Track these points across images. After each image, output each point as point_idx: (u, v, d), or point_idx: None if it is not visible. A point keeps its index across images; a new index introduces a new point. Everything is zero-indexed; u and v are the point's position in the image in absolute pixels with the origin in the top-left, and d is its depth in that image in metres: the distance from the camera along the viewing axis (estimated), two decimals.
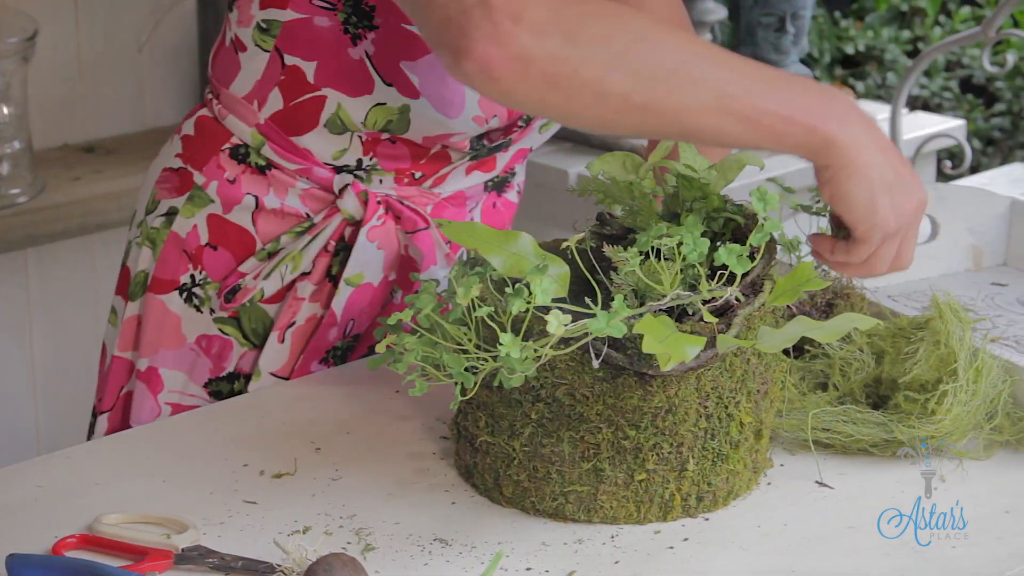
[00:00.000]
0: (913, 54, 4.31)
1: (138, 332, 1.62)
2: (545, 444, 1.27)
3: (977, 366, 1.36)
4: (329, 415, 1.47)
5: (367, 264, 1.57)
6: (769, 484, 1.35)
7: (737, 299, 1.26)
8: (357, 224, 1.56)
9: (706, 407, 1.26)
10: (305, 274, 1.57)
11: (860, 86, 4.27)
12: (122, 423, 1.64)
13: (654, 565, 1.24)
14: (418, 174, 1.56)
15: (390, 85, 1.49)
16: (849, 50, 4.33)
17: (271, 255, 1.58)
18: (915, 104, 3.97)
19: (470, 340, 1.22)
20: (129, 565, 1.22)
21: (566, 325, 1.17)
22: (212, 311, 1.59)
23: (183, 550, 1.24)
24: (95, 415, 1.67)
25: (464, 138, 1.53)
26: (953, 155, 3.10)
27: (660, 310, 1.23)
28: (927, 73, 4.30)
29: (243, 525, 1.29)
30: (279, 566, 1.20)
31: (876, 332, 1.46)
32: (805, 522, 1.29)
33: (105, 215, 2.58)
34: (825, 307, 1.49)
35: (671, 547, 1.26)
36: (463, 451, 1.34)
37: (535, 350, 1.18)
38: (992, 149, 4.33)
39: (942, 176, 3.09)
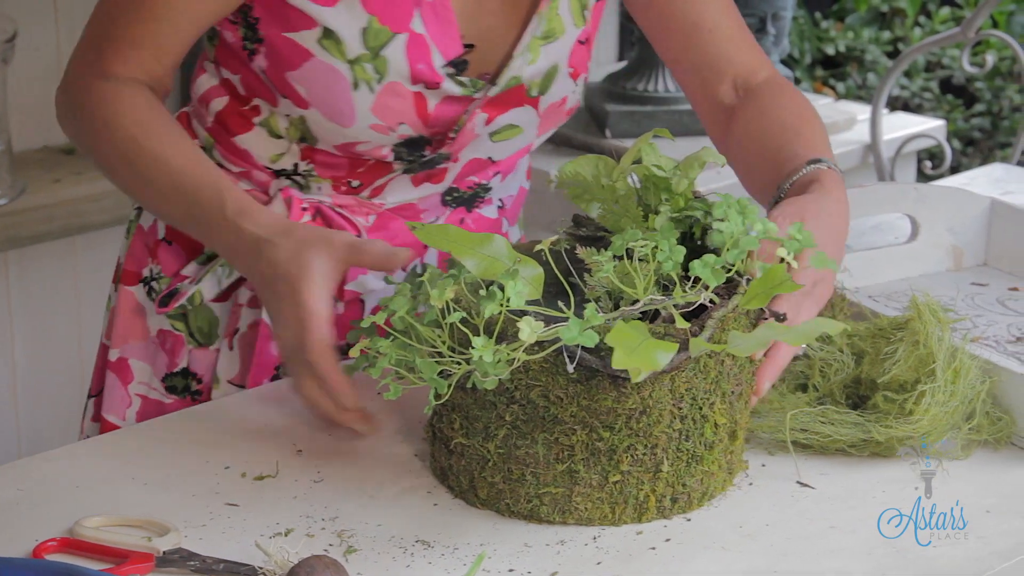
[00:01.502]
0: (893, 55, 4.32)
1: (113, 321, 1.64)
2: (520, 446, 1.27)
3: (955, 367, 1.37)
4: (310, 417, 1.47)
5: None
6: (751, 485, 1.35)
7: (711, 300, 1.26)
8: None
9: (680, 408, 1.27)
10: (243, 278, 1.57)
11: (841, 87, 4.28)
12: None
13: (636, 566, 1.24)
14: (355, 183, 1.55)
15: (285, 97, 1.50)
16: (830, 51, 4.34)
17: (210, 259, 1.59)
18: (895, 104, 3.98)
19: (444, 343, 1.22)
20: (110, 568, 1.22)
21: (538, 332, 1.17)
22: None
23: (164, 553, 1.23)
24: (89, 396, 1.70)
25: (375, 147, 1.51)
26: (933, 155, 3.11)
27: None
28: (907, 74, 4.31)
29: (225, 527, 1.28)
30: (261, 568, 1.20)
31: (856, 332, 1.46)
32: (787, 522, 1.30)
33: (86, 217, 2.57)
34: None
35: (653, 548, 1.26)
36: (438, 453, 1.33)
37: (508, 353, 1.18)
38: (972, 149, 4.35)
39: (922, 176, 3.10)
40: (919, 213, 1.73)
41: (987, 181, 2.01)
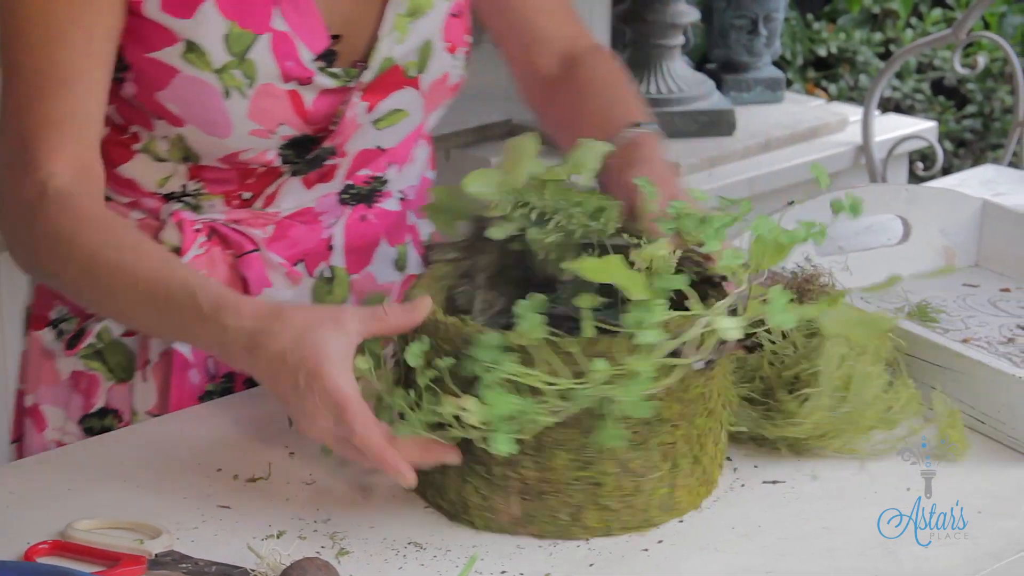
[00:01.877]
0: (885, 56, 4.33)
1: (25, 367, 1.61)
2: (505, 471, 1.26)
3: (848, 373, 1.36)
4: None
5: None
6: (743, 486, 1.35)
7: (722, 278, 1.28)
8: (181, 255, 1.50)
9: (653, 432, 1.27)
10: None
11: (833, 88, 4.29)
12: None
13: (629, 567, 1.24)
14: (247, 194, 1.52)
15: (160, 118, 1.47)
16: (821, 52, 4.34)
17: None
18: (887, 106, 3.99)
19: (416, 401, 1.22)
20: (102, 571, 1.22)
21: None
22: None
23: (156, 555, 1.23)
24: (11, 443, 1.66)
25: (259, 152, 1.48)
26: (925, 157, 3.12)
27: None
28: (899, 75, 4.32)
29: (217, 530, 1.28)
30: (253, 571, 1.20)
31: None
32: (780, 523, 1.30)
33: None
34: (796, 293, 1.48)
35: (646, 549, 1.26)
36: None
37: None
38: (963, 151, 4.35)
39: (914, 178, 3.10)
40: (911, 214, 1.74)
41: (978, 182, 2.01)
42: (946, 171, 3.76)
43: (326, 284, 1.59)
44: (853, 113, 3.08)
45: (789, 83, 3.97)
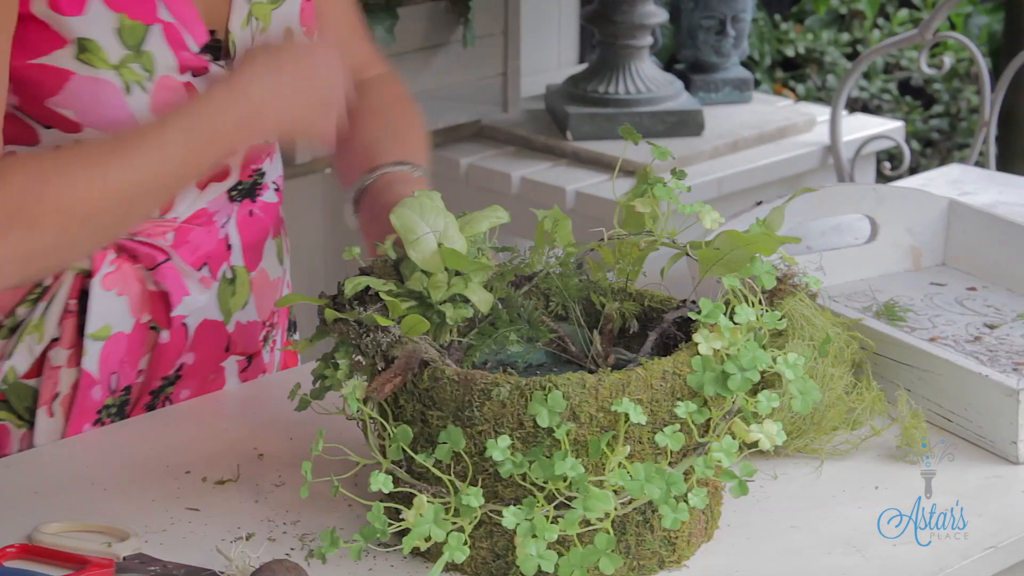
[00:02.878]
0: (852, 56, 4.35)
1: None
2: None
3: (811, 374, 1.36)
4: (272, 421, 1.46)
5: (110, 314, 1.48)
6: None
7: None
8: (91, 276, 1.47)
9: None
10: (55, 340, 1.48)
11: (800, 88, 4.30)
12: None
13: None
14: None
15: (50, 127, 1.41)
16: (789, 52, 4.36)
17: (12, 331, 1.48)
18: (855, 106, 4.00)
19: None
20: (70, 574, 1.21)
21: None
22: None
23: (124, 558, 1.23)
24: None
25: None
26: (892, 156, 3.13)
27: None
28: (866, 75, 4.34)
29: (185, 532, 1.28)
30: (222, 573, 1.20)
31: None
32: (748, 523, 1.30)
33: None
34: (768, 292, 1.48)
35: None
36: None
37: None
38: (930, 150, 4.37)
39: (881, 177, 3.12)
40: (879, 214, 1.74)
41: (945, 182, 2.02)
42: (913, 171, 3.79)
43: (229, 285, 1.56)
44: (821, 113, 3.09)
45: (757, 83, 3.99)
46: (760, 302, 1.26)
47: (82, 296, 1.48)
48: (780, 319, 1.25)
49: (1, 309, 1.48)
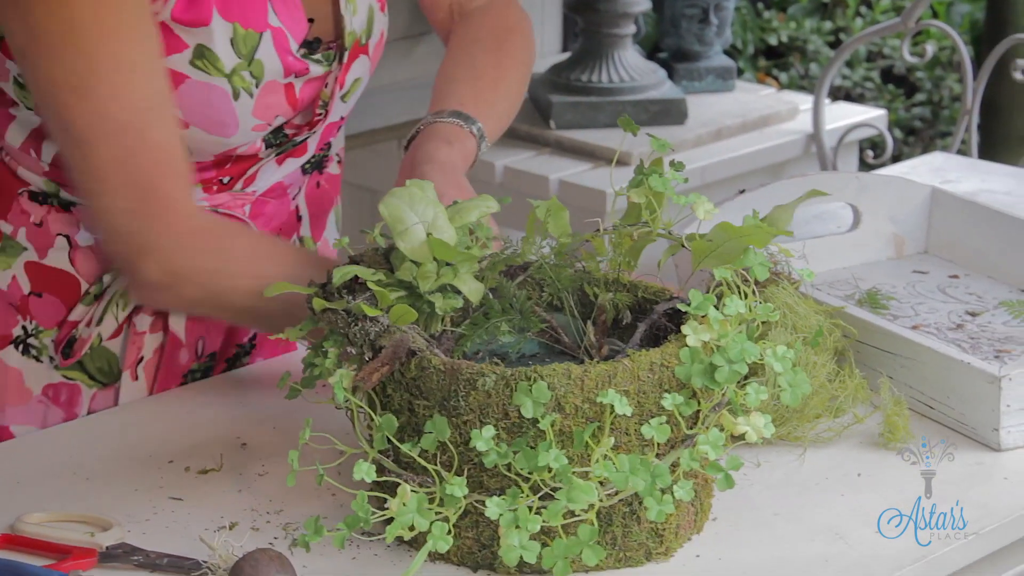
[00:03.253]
0: (835, 45, 4.35)
1: None
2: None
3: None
4: (255, 411, 1.46)
5: None
6: None
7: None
8: None
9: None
10: (139, 307, 1.52)
11: (783, 77, 4.30)
12: None
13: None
14: (226, 179, 1.51)
15: None
16: (772, 41, 4.36)
17: (98, 297, 1.51)
18: (837, 94, 4.01)
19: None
20: (53, 564, 1.21)
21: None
22: (52, 359, 1.52)
23: (107, 548, 1.22)
24: None
25: (252, 143, 1.48)
26: (875, 145, 3.14)
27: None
28: (849, 64, 4.34)
29: (168, 522, 1.28)
30: (205, 562, 1.20)
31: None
32: (730, 510, 1.30)
33: None
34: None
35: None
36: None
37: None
38: (913, 139, 4.38)
39: (864, 165, 3.12)
40: (861, 202, 1.75)
41: (928, 170, 2.02)
42: (896, 159, 3.79)
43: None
44: (804, 101, 3.09)
45: (740, 72, 3.99)
46: (754, 293, 1.26)
47: None
48: (773, 311, 1.24)
49: (88, 275, 1.51)
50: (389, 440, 1.21)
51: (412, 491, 1.18)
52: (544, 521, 1.16)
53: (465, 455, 1.19)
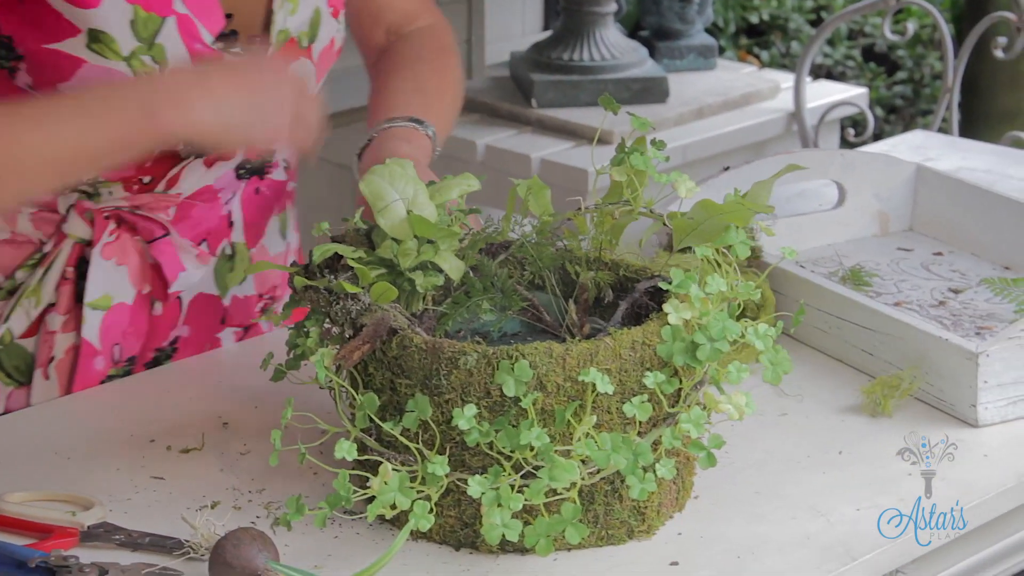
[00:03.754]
0: (816, 23, 4.35)
1: None
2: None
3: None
4: (237, 389, 1.46)
5: (110, 284, 1.50)
6: None
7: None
8: (91, 245, 1.48)
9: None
10: (52, 305, 1.50)
11: (765, 55, 4.30)
12: None
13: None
14: (147, 179, 1.49)
15: None
16: (753, 19, 4.36)
17: (11, 293, 1.50)
18: (819, 73, 4.01)
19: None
20: (34, 543, 1.20)
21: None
22: None
23: (89, 527, 1.22)
24: None
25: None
26: (856, 123, 3.14)
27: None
28: (830, 42, 4.34)
29: (150, 501, 1.27)
30: (187, 542, 1.19)
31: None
32: (711, 488, 1.30)
33: None
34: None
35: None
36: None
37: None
38: (894, 117, 4.38)
39: (845, 143, 3.13)
40: (846, 179, 1.75)
41: (909, 148, 2.02)
42: (877, 137, 3.80)
43: (227, 261, 1.58)
44: (785, 80, 3.09)
45: (722, 50, 3.99)
46: (736, 271, 1.26)
47: (81, 264, 1.49)
48: (755, 289, 1.24)
49: (3, 270, 1.50)
50: (371, 419, 1.21)
51: (394, 470, 1.17)
52: (526, 499, 1.15)
53: (447, 434, 1.19)
